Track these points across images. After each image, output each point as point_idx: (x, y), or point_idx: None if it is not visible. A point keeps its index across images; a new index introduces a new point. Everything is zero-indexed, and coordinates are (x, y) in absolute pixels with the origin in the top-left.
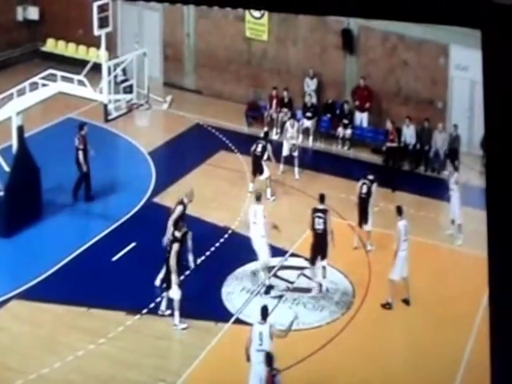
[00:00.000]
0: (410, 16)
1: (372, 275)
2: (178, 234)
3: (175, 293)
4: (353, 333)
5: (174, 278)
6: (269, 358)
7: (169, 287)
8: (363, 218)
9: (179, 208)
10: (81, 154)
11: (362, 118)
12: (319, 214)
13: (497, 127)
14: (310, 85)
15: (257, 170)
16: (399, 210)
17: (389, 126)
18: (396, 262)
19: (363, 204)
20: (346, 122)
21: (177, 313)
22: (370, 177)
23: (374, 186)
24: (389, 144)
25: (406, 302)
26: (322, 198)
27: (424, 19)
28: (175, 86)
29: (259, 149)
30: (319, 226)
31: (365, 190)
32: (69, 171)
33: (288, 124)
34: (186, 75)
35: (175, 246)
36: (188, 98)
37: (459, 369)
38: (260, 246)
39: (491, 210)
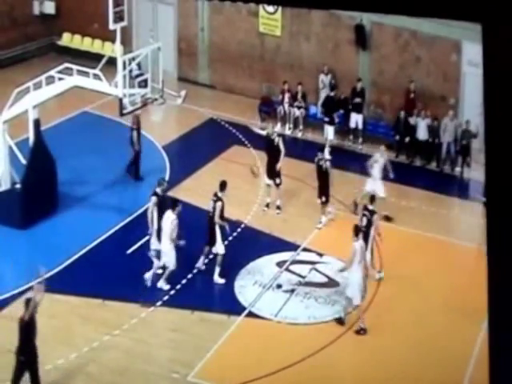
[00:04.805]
0: (410, 9)
1: (384, 270)
2: (158, 190)
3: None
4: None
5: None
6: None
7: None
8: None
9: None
10: (135, 134)
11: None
12: None
13: (497, 119)
14: (325, 80)
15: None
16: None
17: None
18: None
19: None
20: (358, 100)
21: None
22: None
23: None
24: None
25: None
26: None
27: (425, 13)
28: (189, 81)
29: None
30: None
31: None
32: (84, 164)
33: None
34: (200, 70)
35: (153, 199)
36: (202, 93)
37: (469, 363)
38: None
39: (491, 205)
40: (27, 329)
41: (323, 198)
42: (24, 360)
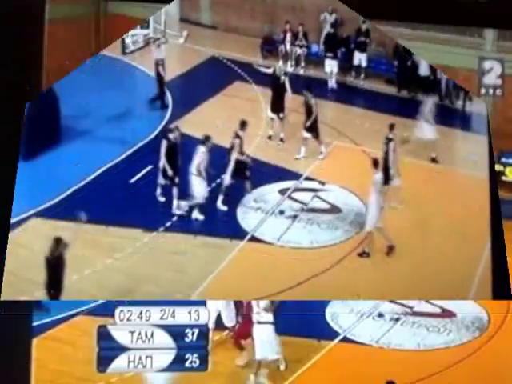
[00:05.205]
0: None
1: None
2: (170, 136)
3: None
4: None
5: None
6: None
7: None
8: None
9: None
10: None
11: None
12: None
13: None
14: (328, 19)
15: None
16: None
17: None
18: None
19: None
20: (362, 39)
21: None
22: None
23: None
24: None
25: (391, 248)
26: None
27: None
28: (191, 22)
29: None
30: None
31: None
32: (87, 99)
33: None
34: (202, 11)
35: (164, 143)
36: (204, 34)
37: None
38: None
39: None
40: (54, 267)
41: (314, 133)
42: (54, 293)
